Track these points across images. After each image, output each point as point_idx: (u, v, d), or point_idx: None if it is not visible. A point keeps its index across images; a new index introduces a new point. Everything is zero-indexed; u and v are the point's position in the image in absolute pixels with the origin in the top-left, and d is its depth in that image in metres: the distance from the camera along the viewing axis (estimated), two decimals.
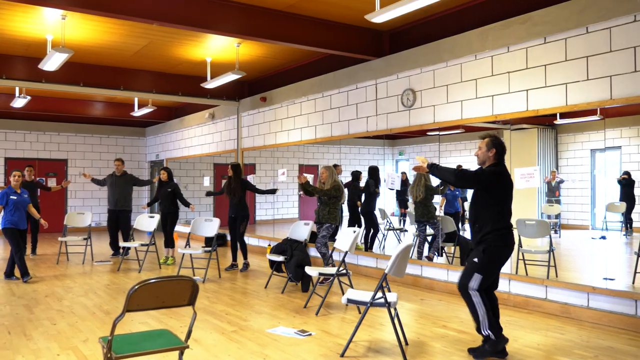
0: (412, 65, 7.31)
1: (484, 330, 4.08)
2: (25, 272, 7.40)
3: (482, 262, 4.07)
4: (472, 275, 4.09)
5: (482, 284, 4.06)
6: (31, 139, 15.00)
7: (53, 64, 7.65)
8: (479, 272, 4.06)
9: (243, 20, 6.87)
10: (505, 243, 4.13)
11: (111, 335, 3.01)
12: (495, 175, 4.12)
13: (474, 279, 4.07)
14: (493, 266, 4.12)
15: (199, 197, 14.25)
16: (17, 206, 7.36)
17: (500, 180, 4.15)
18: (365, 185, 8.60)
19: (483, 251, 4.07)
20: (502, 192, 4.17)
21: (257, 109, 10.95)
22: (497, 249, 4.08)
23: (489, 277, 4.11)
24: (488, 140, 4.23)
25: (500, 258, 4.15)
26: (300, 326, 5.18)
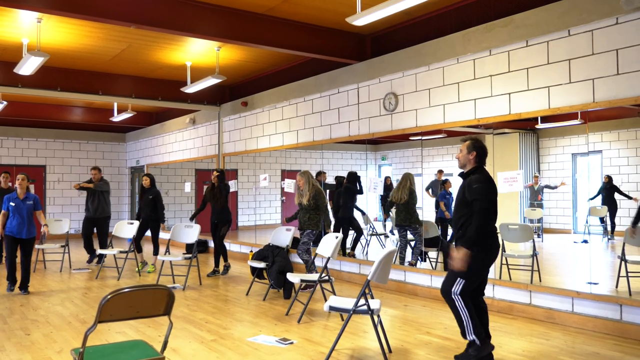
0: (394, 69, 7.27)
1: (469, 335, 4.01)
2: (11, 282, 7.11)
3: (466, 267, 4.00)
4: (455, 280, 4.02)
5: (465, 288, 4.00)
6: (8, 144, 14.69)
7: (29, 68, 7.47)
8: (461, 277, 4.00)
9: (223, 23, 6.77)
10: (488, 246, 4.07)
11: (83, 347, 2.89)
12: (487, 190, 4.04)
13: (457, 283, 4.00)
14: (477, 270, 4.05)
15: (180, 203, 14.08)
16: (16, 213, 6.92)
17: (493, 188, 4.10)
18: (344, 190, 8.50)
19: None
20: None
21: (238, 114, 10.84)
22: (480, 254, 4.01)
23: (472, 282, 4.04)
24: (469, 143, 4.18)
25: (485, 262, 4.09)
26: (282, 334, 5.08)
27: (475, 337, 4.00)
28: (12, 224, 6.93)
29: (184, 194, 13.73)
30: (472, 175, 4.14)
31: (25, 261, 7.03)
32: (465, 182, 4.16)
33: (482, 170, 4.16)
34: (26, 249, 7.01)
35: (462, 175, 4.25)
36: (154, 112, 14.35)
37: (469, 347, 4.09)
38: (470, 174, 4.16)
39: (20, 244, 7.00)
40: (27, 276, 7.11)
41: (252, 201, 11.70)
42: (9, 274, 7.07)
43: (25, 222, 6.95)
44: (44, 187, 15.11)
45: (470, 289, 4.04)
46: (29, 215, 6.99)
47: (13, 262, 7.03)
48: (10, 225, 6.93)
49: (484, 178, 4.08)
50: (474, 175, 4.11)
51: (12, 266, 7.05)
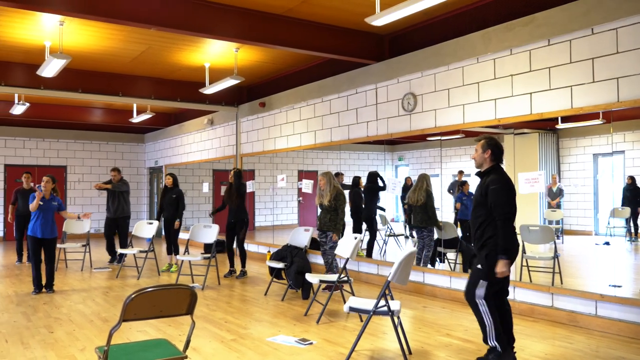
0: (413, 69, 7.24)
1: (491, 342, 3.97)
2: (37, 286, 7.12)
3: (486, 268, 3.97)
4: (478, 283, 3.97)
5: (488, 291, 3.96)
6: (30, 145, 14.93)
7: (51, 70, 7.57)
8: (484, 279, 3.96)
9: (242, 24, 6.80)
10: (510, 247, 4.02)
11: (107, 345, 2.92)
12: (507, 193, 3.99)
13: (480, 286, 3.96)
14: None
15: (197, 204, 14.16)
16: (41, 213, 6.98)
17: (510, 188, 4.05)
18: (366, 190, 8.51)
19: (486, 257, 3.96)
20: None
21: (256, 115, 10.88)
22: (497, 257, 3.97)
23: (494, 283, 4.00)
24: (483, 142, 4.14)
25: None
26: (301, 334, 5.08)
27: (497, 344, 3.95)
28: (35, 224, 7.00)
29: (201, 194, 13.81)
30: (489, 175, 4.10)
31: (49, 261, 7.12)
32: (483, 182, 4.12)
33: (499, 170, 4.11)
34: (49, 249, 7.09)
35: (479, 175, 4.22)
36: (172, 113, 14.47)
37: (489, 352, 4.05)
38: (487, 174, 4.12)
39: (43, 244, 7.08)
40: (51, 275, 7.21)
41: (269, 202, 11.73)
42: (35, 277, 7.10)
43: (49, 222, 7.04)
44: (65, 188, 15.31)
45: (493, 291, 4.00)
46: (52, 216, 7.11)
47: (39, 265, 7.08)
48: (33, 226, 7.00)
49: (501, 178, 4.03)
50: (491, 176, 4.07)
51: (39, 269, 7.09)
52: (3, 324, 5.48)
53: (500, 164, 4.17)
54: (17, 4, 5.60)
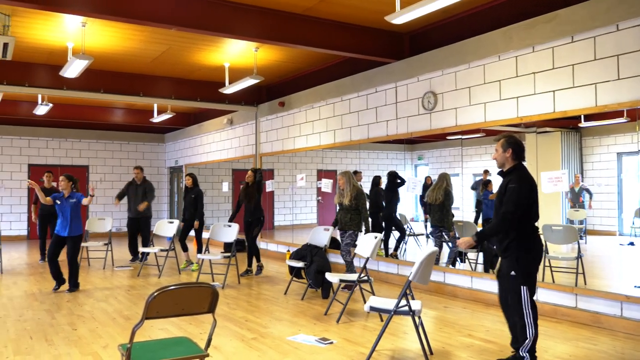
0: (433, 67, 7.18)
1: (522, 351, 3.90)
2: (55, 279, 7.20)
3: (521, 272, 3.89)
4: (519, 289, 3.88)
5: (531, 294, 3.88)
6: (53, 145, 15.17)
7: (74, 70, 7.68)
8: (523, 284, 3.87)
9: (261, 24, 6.82)
10: (533, 246, 3.97)
11: (130, 343, 2.95)
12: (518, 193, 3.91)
13: (523, 293, 3.86)
14: (531, 273, 3.96)
15: (217, 203, 14.25)
16: (59, 212, 7.12)
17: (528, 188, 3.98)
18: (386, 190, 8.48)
19: (517, 261, 3.90)
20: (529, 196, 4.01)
21: (275, 114, 10.90)
22: (528, 254, 3.93)
23: (533, 284, 3.94)
24: (503, 141, 4.06)
25: (535, 262, 4.00)
26: (321, 334, 5.08)
27: (528, 355, 3.89)
28: (58, 222, 7.13)
29: (221, 194, 13.89)
30: (511, 174, 4.05)
31: (70, 259, 7.16)
32: (505, 181, 4.07)
33: (521, 169, 4.04)
34: (69, 247, 7.14)
35: (502, 175, 4.16)
36: (192, 112, 14.58)
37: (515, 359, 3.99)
38: (510, 173, 4.06)
39: (65, 242, 7.17)
40: (72, 273, 7.25)
41: (288, 201, 11.74)
42: (51, 272, 7.19)
43: (67, 221, 7.09)
44: (87, 187, 15.50)
45: (534, 292, 3.93)
46: (72, 214, 7.10)
47: (51, 260, 7.15)
48: (57, 224, 7.13)
49: (520, 178, 3.96)
50: (512, 175, 4.02)
51: (52, 264, 7.16)
52: (27, 321, 5.57)
53: (523, 162, 4.11)
54: (40, 6, 5.68)
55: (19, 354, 4.48)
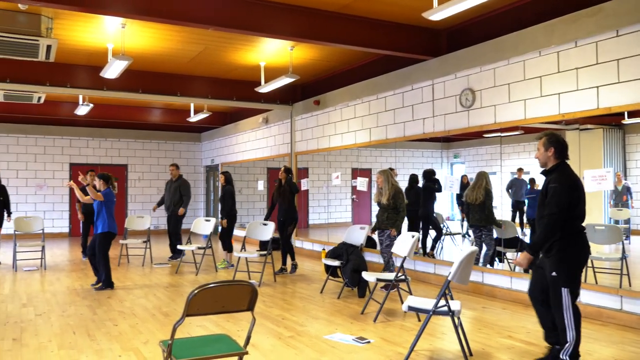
0: (471, 64, 7.07)
1: (563, 355, 3.80)
2: (110, 281, 7.25)
3: (563, 274, 3.80)
4: (559, 291, 3.80)
5: (573, 296, 3.79)
6: (94, 145, 15.55)
7: (114, 71, 7.83)
8: (564, 286, 3.78)
9: (297, 22, 6.82)
10: (578, 247, 3.86)
11: (171, 340, 2.98)
12: (561, 193, 3.81)
13: (564, 295, 3.78)
14: (574, 275, 3.86)
15: (252, 201, 14.36)
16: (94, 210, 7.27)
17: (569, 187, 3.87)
18: (423, 189, 8.39)
19: (559, 262, 3.81)
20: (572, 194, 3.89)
21: (310, 113, 10.91)
22: (572, 255, 3.82)
23: (575, 286, 3.84)
24: (545, 140, 3.97)
25: (579, 263, 3.89)
26: (358, 333, 5.05)
27: (569, 359, 3.78)
28: (112, 220, 7.27)
29: (256, 192, 13.99)
30: (553, 173, 3.94)
31: (96, 255, 7.23)
32: (547, 180, 3.97)
33: (564, 168, 3.94)
34: (95, 244, 7.24)
35: (544, 174, 4.06)
36: (228, 112, 14.72)
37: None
38: (552, 172, 3.96)
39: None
40: (100, 270, 7.24)
41: (322, 199, 11.76)
42: (92, 269, 7.40)
43: (97, 219, 7.23)
44: (126, 185, 15.87)
45: (577, 295, 3.84)
46: (98, 211, 7.20)
47: (91, 257, 7.34)
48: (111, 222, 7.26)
49: (564, 177, 3.86)
50: (554, 174, 3.91)
51: (91, 261, 7.34)
52: (71, 316, 5.72)
53: (566, 160, 4.00)
54: (82, 8, 5.81)
55: (63, 348, 4.60)
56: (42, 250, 9.15)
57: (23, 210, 14.45)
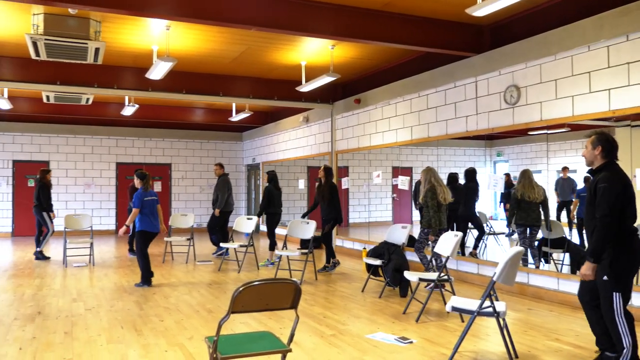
0: (516, 60, 6.91)
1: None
2: (146, 279, 7.33)
3: (614, 277, 3.69)
4: (610, 296, 3.68)
5: (624, 301, 3.67)
6: (139, 144, 15.94)
7: (158, 73, 8.01)
8: (615, 290, 3.67)
9: (339, 21, 6.81)
10: (630, 248, 3.73)
11: (217, 336, 3.03)
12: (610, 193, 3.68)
13: (615, 300, 3.66)
14: (627, 277, 3.73)
15: (293, 200, 14.44)
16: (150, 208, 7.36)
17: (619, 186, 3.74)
18: (465, 188, 8.26)
19: (609, 265, 3.69)
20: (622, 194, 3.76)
21: (351, 111, 10.89)
22: (623, 258, 3.70)
23: (627, 290, 3.71)
24: (593, 138, 3.87)
25: (631, 265, 3.75)
26: (400, 333, 5.02)
27: None
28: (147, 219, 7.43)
29: (297, 191, 14.07)
30: (600, 172, 3.82)
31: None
32: (594, 180, 3.85)
33: (612, 167, 3.82)
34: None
35: (591, 173, 3.95)
36: (269, 111, 14.85)
37: None
38: (599, 172, 3.84)
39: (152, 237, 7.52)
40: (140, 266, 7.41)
41: (363, 198, 11.71)
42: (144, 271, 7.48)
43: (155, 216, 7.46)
44: (170, 184, 16.21)
45: (628, 299, 3.71)
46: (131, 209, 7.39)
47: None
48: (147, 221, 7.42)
49: (612, 176, 3.73)
50: (602, 173, 3.79)
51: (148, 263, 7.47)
52: (119, 311, 5.88)
53: (615, 160, 3.87)
54: (129, 11, 5.96)
55: (112, 342, 4.74)
56: (91, 247, 9.45)
57: (72, 208, 14.95)
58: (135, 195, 7.32)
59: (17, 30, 7.50)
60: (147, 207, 7.34)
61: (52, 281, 7.76)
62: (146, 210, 7.32)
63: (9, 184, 14.51)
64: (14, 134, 14.62)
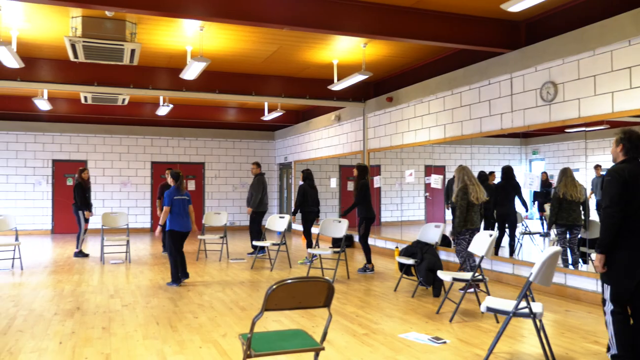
0: (553, 56, 6.76)
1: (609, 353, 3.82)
2: (175, 278, 7.36)
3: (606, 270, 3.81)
4: (603, 286, 3.86)
5: (612, 295, 3.77)
6: (173, 144, 16.20)
7: (192, 73, 8.11)
8: (606, 282, 3.83)
9: (371, 19, 6.78)
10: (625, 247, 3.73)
11: (250, 333, 3.05)
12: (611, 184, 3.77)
13: (605, 290, 3.83)
14: (617, 274, 3.75)
15: (324, 199, 14.45)
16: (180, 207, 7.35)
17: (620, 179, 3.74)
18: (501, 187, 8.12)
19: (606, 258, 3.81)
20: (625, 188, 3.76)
21: (383, 110, 10.84)
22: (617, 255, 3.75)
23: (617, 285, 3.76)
24: (617, 136, 3.93)
25: (625, 265, 3.73)
26: (434, 333, 4.97)
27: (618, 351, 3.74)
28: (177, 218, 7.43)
29: (328, 190, 14.07)
30: None
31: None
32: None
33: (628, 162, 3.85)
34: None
35: None
36: (301, 110, 14.91)
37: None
38: None
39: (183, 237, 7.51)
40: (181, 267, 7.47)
41: (395, 197, 11.64)
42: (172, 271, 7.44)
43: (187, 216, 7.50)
44: (203, 183, 16.42)
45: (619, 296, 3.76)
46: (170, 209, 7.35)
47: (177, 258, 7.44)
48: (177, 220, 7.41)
49: (615, 170, 3.79)
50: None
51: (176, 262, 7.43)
52: (154, 308, 5.99)
53: (636, 157, 3.88)
54: (164, 13, 6.06)
55: (148, 338, 4.83)
56: (127, 245, 9.64)
57: (109, 206, 15.29)
58: (166, 194, 7.32)
59: (57, 33, 7.70)
60: (177, 206, 7.30)
61: (90, 277, 7.96)
62: (175, 209, 7.29)
63: (48, 182, 14.93)
64: (54, 134, 15.03)
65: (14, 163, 14.67)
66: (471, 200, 6.74)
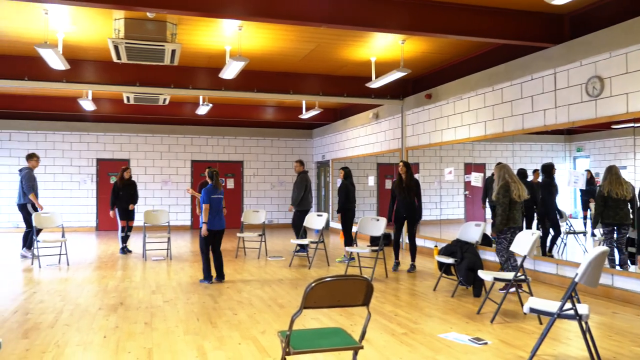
0: (599, 49, 6.54)
1: None
2: (207, 275, 7.38)
3: None
4: None
5: None
6: (212, 143, 16.43)
7: (231, 72, 8.20)
8: None
9: (409, 15, 6.70)
10: None
11: (289, 331, 3.06)
12: None
13: None
14: None
15: (362, 197, 14.39)
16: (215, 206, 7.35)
17: None
18: (542, 185, 7.92)
19: None
20: None
21: (421, 107, 10.71)
22: None
23: None
24: None
25: None
26: (474, 333, 4.88)
27: None
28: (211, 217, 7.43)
29: (366, 188, 14.00)
30: None
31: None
32: None
33: None
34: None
35: None
36: (338, 108, 14.88)
37: None
38: None
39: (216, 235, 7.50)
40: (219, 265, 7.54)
41: (434, 195, 11.49)
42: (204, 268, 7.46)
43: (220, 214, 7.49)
44: (242, 181, 16.59)
45: None
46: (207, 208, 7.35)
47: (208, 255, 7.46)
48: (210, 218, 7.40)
49: None
50: None
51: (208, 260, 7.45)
52: (195, 304, 6.08)
53: None
54: (204, 13, 6.13)
55: (188, 333, 4.90)
56: (168, 242, 9.82)
57: (151, 204, 15.62)
58: (204, 191, 7.33)
59: (100, 35, 7.90)
60: (213, 204, 7.34)
61: (132, 273, 8.14)
62: (211, 208, 7.34)
63: (93, 181, 15.35)
64: (98, 134, 15.44)
65: (60, 162, 15.14)
66: (513, 198, 6.58)
